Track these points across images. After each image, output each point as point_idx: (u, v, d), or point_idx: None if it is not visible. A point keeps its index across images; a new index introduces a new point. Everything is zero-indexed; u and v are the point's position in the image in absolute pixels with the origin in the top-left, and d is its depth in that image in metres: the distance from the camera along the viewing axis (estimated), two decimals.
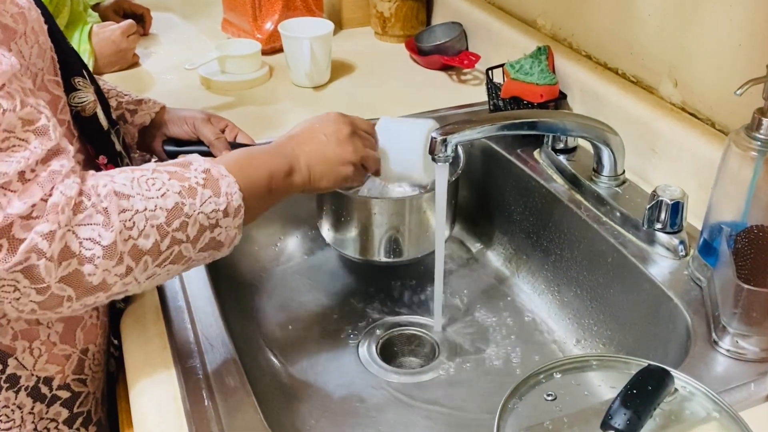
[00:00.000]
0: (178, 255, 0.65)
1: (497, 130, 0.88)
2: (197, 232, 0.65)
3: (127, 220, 0.60)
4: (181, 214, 0.63)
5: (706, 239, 0.80)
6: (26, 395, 0.73)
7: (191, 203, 0.64)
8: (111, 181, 0.62)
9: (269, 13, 1.47)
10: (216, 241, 0.67)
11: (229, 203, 0.67)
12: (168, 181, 0.64)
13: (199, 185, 0.65)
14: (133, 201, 0.61)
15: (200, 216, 0.65)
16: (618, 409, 0.54)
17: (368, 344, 0.96)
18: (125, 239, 0.60)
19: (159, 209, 0.62)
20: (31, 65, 0.66)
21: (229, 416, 0.66)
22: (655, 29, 0.98)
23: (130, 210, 0.61)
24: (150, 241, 0.62)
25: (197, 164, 0.67)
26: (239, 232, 0.69)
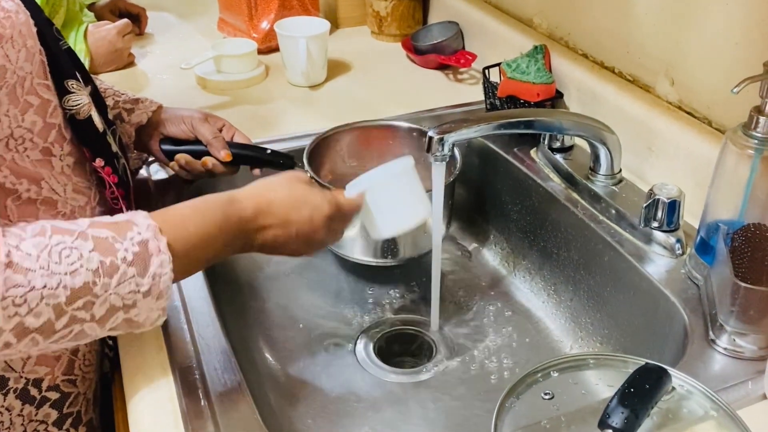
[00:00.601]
0: (80, 333, 0.58)
1: (494, 129, 0.88)
2: (106, 312, 0.58)
3: (16, 296, 0.54)
4: (88, 294, 0.57)
5: (703, 237, 0.80)
6: (15, 397, 0.73)
7: (105, 283, 0.57)
8: (15, 247, 0.55)
9: (265, 13, 1.47)
10: (132, 322, 0.61)
11: (154, 285, 0.60)
12: (88, 254, 0.57)
13: (124, 262, 0.58)
14: (31, 276, 0.54)
15: (112, 297, 0.58)
16: (615, 407, 0.54)
17: (365, 344, 0.96)
18: (10, 316, 0.54)
19: (62, 288, 0.55)
20: (18, 69, 0.65)
21: (226, 416, 0.66)
22: (652, 28, 0.98)
23: (23, 286, 0.54)
24: (41, 319, 0.55)
25: (137, 231, 0.60)
26: (163, 313, 0.63)
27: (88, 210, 0.78)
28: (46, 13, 0.75)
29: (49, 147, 0.72)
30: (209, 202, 0.68)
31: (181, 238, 0.63)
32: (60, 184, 0.74)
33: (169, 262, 0.60)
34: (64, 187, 0.74)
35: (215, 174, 0.96)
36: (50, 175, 0.72)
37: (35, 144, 0.70)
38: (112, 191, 0.79)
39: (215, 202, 0.68)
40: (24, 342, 0.56)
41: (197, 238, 0.64)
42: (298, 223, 0.71)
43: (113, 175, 0.79)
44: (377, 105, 1.25)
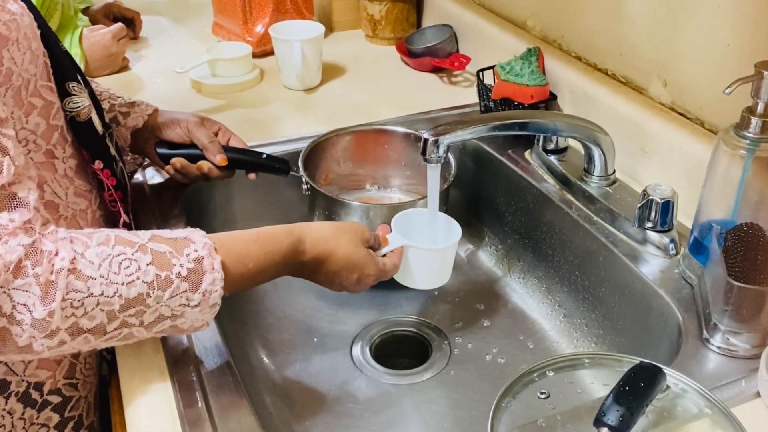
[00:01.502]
0: (127, 335, 0.62)
1: (488, 131, 0.88)
2: (154, 319, 0.62)
3: (74, 300, 0.57)
4: (141, 304, 0.61)
5: (697, 237, 0.80)
6: (17, 401, 0.73)
7: (158, 295, 0.61)
8: (80, 255, 0.58)
9: (260, 16, 1.47)
10: (177, 328, 0.65)
11: (203, 300, 0.64)
12: (145, 267, 0.61)
13: (179, 277, 0.62)
14: (90, 284, 0.58)
15: (163, 308, 0.62)
16: (611, 405, 0.54)
17: (362, 345, 0.96)
18: (67, 316, 0.57)
19: (117, 296, 0.59)
20: (23, 71, 0.66)
21: (224, 418, 0.66)
22: (644, 30, 0.98)
23: (82, 292, 0.58)
24: (95, 322, 0.59)
25: (194, 248, 0.64)
26: (207, 324, 0.67)
27: (89, 214, 0.78)
28: None
29: (52, 149, 0.72)
30: (276, 242, 0.72)
31: (239, 267, 0.67)
32: (62, 188, 0.74)
33: (221, 280, 0.64)
34: (65, 190, 0.74)
35: (211, 178, 0.96)
36: (53, 179, 0.73)
37: (39, 146, 0.70)
38: (110, 193, 0.80)
39: (283, 241, 0.72)
40: (77, 340, 0.59)
41: (254, 272, 0.69)
42: (344, 281, 0.77)
43: (112, 177, 0.79)
44: (372, 108, 1.25)
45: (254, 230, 0.71)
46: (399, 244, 0.82)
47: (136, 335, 0.63)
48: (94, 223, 0.79)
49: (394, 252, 0.82)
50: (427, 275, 0.86)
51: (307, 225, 0.76)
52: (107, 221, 0.82)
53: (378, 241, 0.81)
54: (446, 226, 0.88)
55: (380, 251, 0.81)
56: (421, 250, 0.83)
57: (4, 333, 0.57)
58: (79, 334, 0.59)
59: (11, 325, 0.56)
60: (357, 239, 0.77)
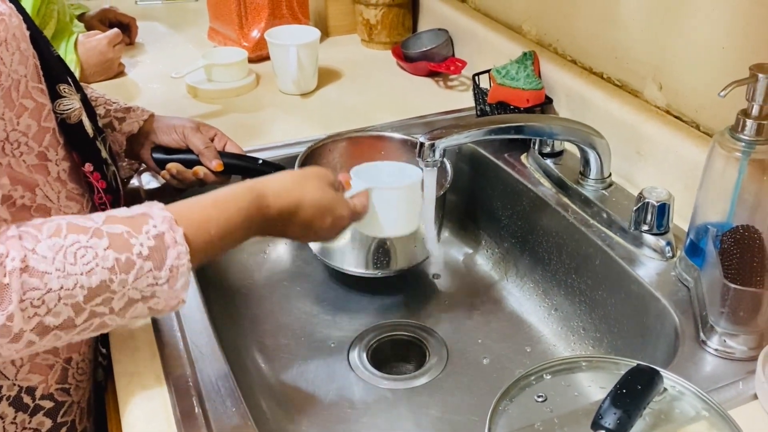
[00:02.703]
0: (101, 325, 0.60)
1: (485, 135, 0.88)
2: (124, 305, 0.60)
3: (34, 299, 0.55)
4: (106, 291, 0.58)
5: (693, 240, 0.80)
6: (8, 405, 0.72)
7: (122, 279, 0.58)
8: (31, 251, 0.56)
9: (255, 21, 1.47)
10: (153, 310, 0.62)
11: (171, 276, 0.61)
12: (103, 252, 0.58)
13: (140, 256, 0.59)
14: (47, 279, 0.55)
15: (131, 291, 0.59)
16: (608, 408, 0.54)
17: (359, 350, 0.96)
18: (29, 317, 0.55)
19: (78, 287, 0.57)
20: (12, 72, 0.66)
21: (220, 424, 0.66)
22: (639, 34, 0.99)
23: (40, 289, 0.55)
24: (61, 318, 0.57)
25: (152, 224, 0.61)
26: (182, 301, 0.64)
27: None
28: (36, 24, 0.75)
29: (44, 151, 0.72)
30: (236, 199, 0.68)
31: (201, 236, 0.64)
32: (54, 191, 0.74)
33: (186, 253, 0.61)
34: (57, 194, 0.74)
35: (206, 183, 0.96)
36: (45, 182, 0.72)
37: (30, 148, 0.70)
38: (100, 196, 0.79)
39: (242, 200, 0.68)
40: (47, 338, 0.57)
41: (218, 238, 0.65)
42: (318, 228, 0.74)
43: (101, 180, 0.79)
44: (368, 112, 1.25)
45: (210, 194, 0.68)
46: (362, 187, 0.80)
47: (109, 323, 0.60)
48: None
49: (360, 194, 0.80)
50: (395, 219, 0.83)
51: (267, 179, 0.72)
52: None
53: (341, 185, 0.79)
54: (405, 171, 0.86)
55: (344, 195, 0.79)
56: (385, 191, 0.81)
57: None
58: (47, 332, 0.57)
59: None
60: (323, 183, 0.74)
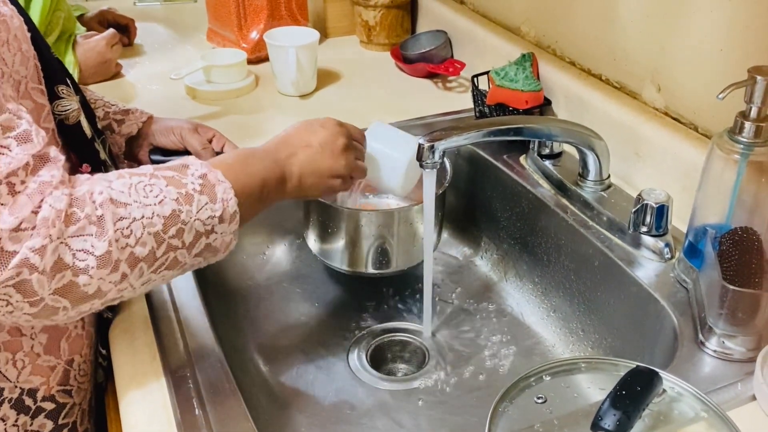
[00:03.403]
0: (173, 261, 0.65)
1: (484, 136, 0.89)
2: (193, 238, 0.65)
3: (124, 228, 0.60)
4: (178, 222, 0.63)
5: (691, 242, 0.81)
6: (10, 407, 0.72)
7: (188, 210, 0.64)
8: (108, 187, 0.61)
9: (254, 23, 1.48)
10: (212, 247, 0.67)
11: (225, 209, 0.67)
12: (165, 188, 0.64)
13: (195, 191, 0.65)
14: (130, 209, 0.61)
15: (197, 223, 0.65)
16: (608, 409, 0.54)
17: (358, 351, 0.96)
18: (122, 247, 0.60)
19: (156, 216, 0.62)
20: (14, 72, 0.66)
21: (220, 425, 0.66)
22: (638, 35, 0.99)
23: (127, 218, 0.60)
24: (147, 248, 0.62)
25: (194, 168, 0.67)
26: (235, 237, 0.69)
27: None
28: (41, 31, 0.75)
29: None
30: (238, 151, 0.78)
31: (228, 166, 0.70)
32: None
33: (230, 188, 0.68)
34: None
35: None
36: None
37: None
38: None
39: (242, 150, 0.78)
40: (135, 272, 0.62)
41: (240, 167, 0.72)
42: (319, 139, 0.81)
43: None
44: (367, 114, 1.25)
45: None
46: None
47: (180, 260, 0.65)
48: None
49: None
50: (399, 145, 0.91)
51: None
52: None
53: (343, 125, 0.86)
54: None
55: None
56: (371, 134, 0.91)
57: (71, 287, 0.59)
58: (136, 263, 0.61)
59: (76, 277, 0.58)
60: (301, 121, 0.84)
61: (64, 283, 0.58)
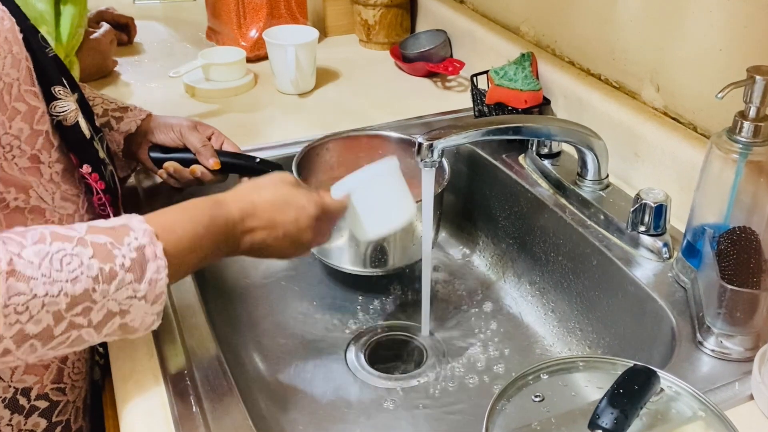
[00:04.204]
0: (76, 339, 0.59)
1: (483, 135, 0.88)
2: (103, 317, 0.59)
3: (18, 304, 0.54)
4: (88, 300, 0.57)
5: (690, 241, 0.81)
6: (3, 407, 0.72)
7: (104, 289, 0.58)
8: (17, 255, 0.55)
9: (253, 21, 1.47)
10: (128, 327, 0.62)
11: (150, 290, 0.61)
12: (88, 261, 0.57)
13: (122, 268, 0.59)
14: (33, 284, 0.55)
15: (110, 303, 0.59)
16: (605, 408, 0.54)
17: (356, 350, 0.96)
18: (11, 323, 0.54)
19: (63, 295, 0.56)
20: (4, 75, 0.65)
21: (218, 423, 0.66)
22: (637, 35, 0.99)
23: (25, 294, 0.54)
24: (41, 326, 0.56)
25: (135, 236, 0.61)
26: (158, 318, 0.63)
27: (76, 218, 0.78)
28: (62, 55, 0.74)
29: (37, 154, 0.72)
30: (197, 205, 0.68)
31: (172, 241, 0.63)
32: (48, 193, 0.74)
33: (165, 267, 0.61)
34: (52, 195, 0.74)
35: (204, 182, 0.96)
36: (38, 183, 0.72)
37: (23, 151, 0.70)
38: (99, 197, 0.79)
39: (203, 205, 0.69)
40: (23, 348, 0.56)
41: (187, 242, 0.65)
42: (284, 224, 0.72)
43: (100, 181, 0.79)
44: (366, 112, 1.25)
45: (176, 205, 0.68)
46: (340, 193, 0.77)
47: (85, 338, 0.59)
48: None
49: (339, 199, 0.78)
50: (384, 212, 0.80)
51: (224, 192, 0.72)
52: None
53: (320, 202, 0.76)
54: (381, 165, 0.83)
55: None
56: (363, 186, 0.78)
57: None
58: (25, 341, 0.56)
59: None
60: (278, 181, 0.74)
61: None
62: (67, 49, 1.21)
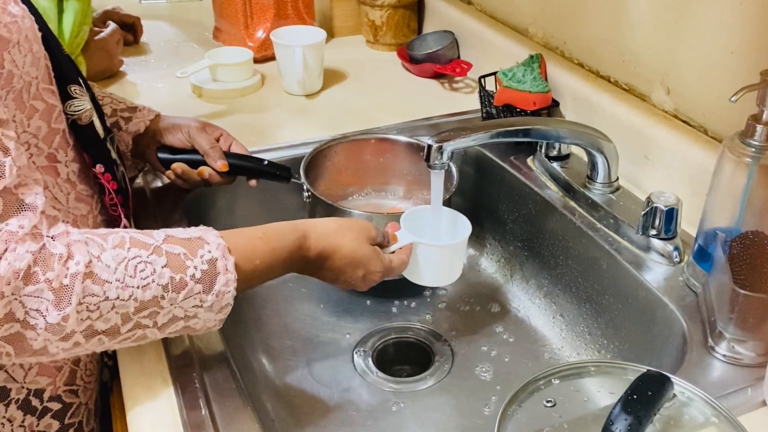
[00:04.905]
0: (141, 336, 0.63)
1: (492, 138, 0.88)
2: (168, 320, 0.63)
3: (90, 304, 0.58)
4: (155, 306, 0.61)
5: (701, 245, 0.80)
6: (17, 408, 0.72)
7: (172, 297, 0.62)
8: (96, 258, 0.58)
9: (261, 22, 1.47)
10: (190, 329, 0.66)
11: (216, 301, 0.64)
12: (161, 269, 0.61)
13: (192, 279, 0.62)
14: (107, 287, 0.58)
15: (177, 309, 0.62)
16: (619, 414, 0.54)
17: (363, 352, 0.96)
18: (82, 319, 0.58)
19: (132, 299, 0.60)
20: (24, 74, 0.65)
21: (227, 425, 0.65)
22: (647, 37, 0.98)
23: (98, 296, 0.58)
24: (109, 324, 0.60)
25: (209, 248, 0.64)
26: (219, 323, 0.67)
27: (90, 219, 0.78)
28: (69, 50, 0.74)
29: (54, 153, 0.72)
30: (281, 236, 0.72)
31: (247, 265, 0.67)
32: (63, 193, 0.73)
33: (234, 281, 0.65)
34: (66, 195, 0.74)
35: (211, 184, 0.96)
36: (54, 183, 0.72)
37: (40, 150, 0.70)
38: (111, 198, 0.79)
39: (287, 237, 0.72)
40: (92, 342, 0.60)
41: (261, 269, 0.69)
42: (351, 277, 0.77)
43: (113, 181, 0.79)
44: (373, 114, 1.25)
45: (260, 227, 0.72)
46: (408, 241, 0.82)
47: (149, 336, 0.63)
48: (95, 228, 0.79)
49: (403, 249, 0.81)
50: (437, 272, 0.86)
51: (312, 221, 0.76)
52: (108, 226, 0.82)
53: (387, 238, 0.81)
54: (455, 222, 0.88)
55: (389, 248, 0.81)
56: (430, 247, 0.83)
57: (18, 337, 0.57)
58: (94, 335, 0.59)
59: (25, 330, 0.56)
60: (362, 236, 0.77)
61: (11, 332, 0.56)
62: (71, 47, 1.21)
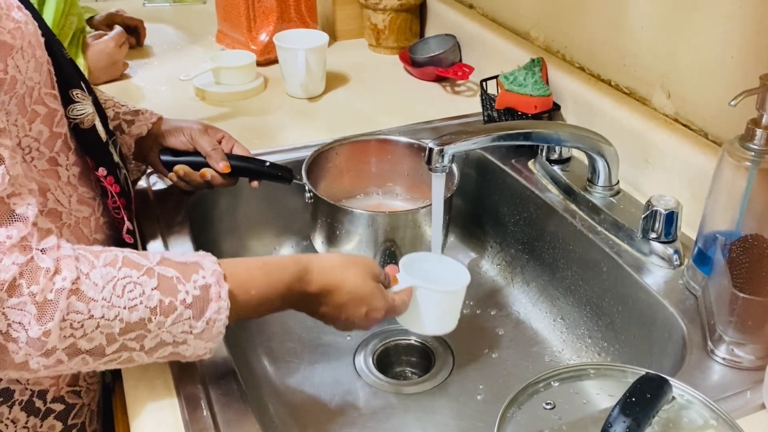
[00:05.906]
0: (127, 359, 0.62)
1: (493, 141, 0.88)
2: (155, 345, 0.62)
3: (74, 321, 0.57)
4: (142, 329, 0.60)
5: (701, 248, 0.80)
6: (20, 409, 0.73)
7: (160, 321, 0.60)
8: (84, 276, 0.58)
9: (264, 25, 1.48)
10: (179, 355, 0.64)
11: (207, 329, 0.63)
12: (150, 292, 0.60)
13: (183, 303, 0.61)
14: (92, 306, 0.57)
15: (164, 334, 0.61)
16: (617, 416, 0.54)
17: (365, 354, 0.96)
18: (65, 336, 0.57)
19: (117, 320, 0.59)
20: (27, 79, 0.66)
21: (228, 426, 0.66)
22: (648, 41, 0.99)
23: (82, 314, 0.57)
24: (93, 343, 0.59)
25: (203, 274, 0.63)
26: (210, 352, 0.66)
27: (92, 221, 0.78)
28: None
29: (55, 156, 0.72)
30: (282, 268, 0.70)
31: (243, 295, 0.66)
32: (65, 195, 0.74)
33: (226, 309, 0.63)
34: (69, 198, 0.74)
35: (214, 185, 0.96)
36: (56, 186, 0.73)
37: (42, 153, 0.70)
38: (113, 201, 0.80)
39: (286, 272, 0.70)
40: (75, 360, 0.59)
41: (257, 300, 0.68)
42: (353, 315, 0.74)
43: (115, 184, 0.79)
44: (375, 117, 1.25)
45: (262, 258, 0.71)
46: (409, 284, 0.80)
47: (135, 359, 0.62)
48: (98, 231, 0.79)
49: (404, 290, 0.79)
50: (436, 319, 0.83)
51: (315, 255, 0.74)
52: (111, 228, 0.82)
53: (388, 279, 0.79)
54: (454, 270, 0.86)
55: (390, 289, 0.79)
56: (431, 291, 0.80)
57: (1, 349, 0.56)
58: (77, 354, 0.58)
59: (7, 342, 0.56)
60: (366, 272, 0.74)
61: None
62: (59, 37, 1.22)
